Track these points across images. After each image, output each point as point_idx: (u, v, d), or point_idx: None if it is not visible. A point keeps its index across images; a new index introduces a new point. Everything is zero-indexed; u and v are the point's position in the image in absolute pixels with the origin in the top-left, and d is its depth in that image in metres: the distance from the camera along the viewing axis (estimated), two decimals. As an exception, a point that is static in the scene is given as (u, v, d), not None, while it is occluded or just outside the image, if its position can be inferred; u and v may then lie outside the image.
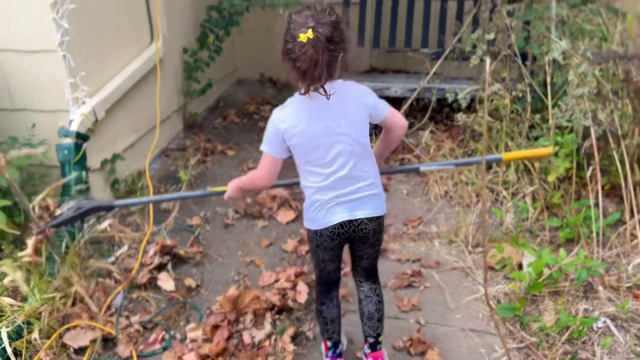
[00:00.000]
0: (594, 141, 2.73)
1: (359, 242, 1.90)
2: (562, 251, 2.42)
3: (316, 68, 1.61)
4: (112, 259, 2.66)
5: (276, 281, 2.53)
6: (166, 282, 2.56)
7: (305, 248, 2.78)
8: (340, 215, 1.80)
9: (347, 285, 2.52)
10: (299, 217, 3.06)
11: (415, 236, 2.87)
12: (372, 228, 1.84)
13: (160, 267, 2.66)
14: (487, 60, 2.12)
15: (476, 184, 3.23)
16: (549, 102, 3.22)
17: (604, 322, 2.27)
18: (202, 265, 2.72)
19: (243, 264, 2.73)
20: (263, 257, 2.76)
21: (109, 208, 2.34)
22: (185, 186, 3.29)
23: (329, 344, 2.05)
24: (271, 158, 1.83)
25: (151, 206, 2.95)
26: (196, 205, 3.21)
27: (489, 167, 3.37)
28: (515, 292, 2.40)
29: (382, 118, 1.83)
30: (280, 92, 5.04)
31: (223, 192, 2.05)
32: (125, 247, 2.73)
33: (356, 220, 1.80)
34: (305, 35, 1.58)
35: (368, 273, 2.01)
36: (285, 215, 3.06)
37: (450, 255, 2.71)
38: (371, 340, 1.99)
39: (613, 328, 2.24)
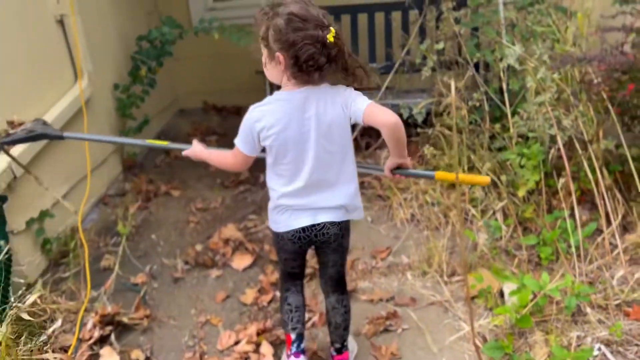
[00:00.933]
0: (562, 149, 2.57)
1: (322, 247, 1.88)
2: (544, 275, 2.23)
3: (338, 65, 1.63)
4: (45, 337, 2.30)
5: (237, 343, 2.24)
6: (110, 358, 2.23)
7: (266, 298, 2.49)
8: (302, 220, 1.77)
9: (317, 337, 2.26)
10: (256, 261, 2.78)
11: (385, 270, 2.63)
12: (333, 232, 1.81)
13: (103, 340, 2.32)
14: (452, 84, 1.91)
15: (442, 204, 3.03)
16: (508, 110, 3.07)
17: (599, 349, 2.08)
18: (151, 332, 2.40)
19: (197, 324, 2.42)
20: (220, 314, 2.46)
21: (58, 137, 2.37)
22: (125, 240, 2.95)
23: (292, 336, 1.99)
24: (244, 155, 1.77)
25: (87, 269, 2.60)
26: (140, 259, 2.88)
27: (452, 185, 3.19)
28: (502, 326, 2.18)
29: (360, 119, 1.66)
30: (226, 119, 4.76)
31: (161, 146, 2.21)
32: (59, 322, 2.38)
33: (318, 224, 1.78)
34: (331, 35, 1.56)
35: (335, 283, 1.98)
36: (241, 261, 2.77)
37: (425, 289, 2.48)
38: (337, 345, 2.03)
39: (609, 355, 2.05)
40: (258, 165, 3.88)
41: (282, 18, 1.57)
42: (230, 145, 1.83)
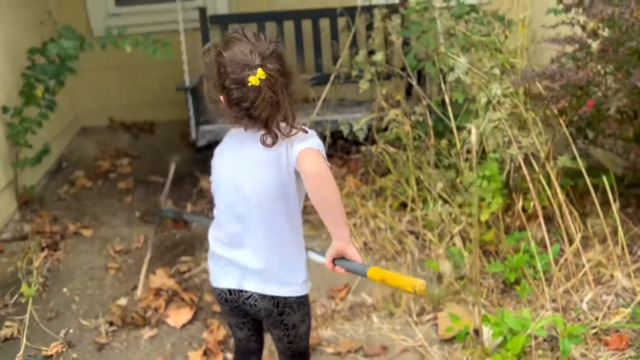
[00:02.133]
0: (525, 169, 2.44)
1: (260, 318, 1.61)
2: (525, 312, 2.07)
3: (279, 111, 1.38)
4: None
5: None
6: None
7: (216, 362, 2.13)
8: (229, 280, 1.54)
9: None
10: (197, 315, 2.39)
11: (347, 313, 2.35)
12: (264, 307, 1.53)
13: None
14: (474, 130, 1.68)
15: (395, 229, 2.81)
16: (453, 125, 2.91)
17: (589, 388, 1.95)
18: (74, 421, 1.95)
19: (134, 404, 2.00)
20: (161, 388, 2.06)
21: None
22: (32, 304, 2.43)
23: None
24: None
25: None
26: (50, 323, 2.38)
27: (404, 205, 2.99)
28: (489, 375, 1.99)
29: (295, 166, 1.41)
30: (138, 138, 4.26)
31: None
32: None
33: (246, 291, 1.53)
34: (257, 77, 1.34)
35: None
36: (178, 316, 2.36)
37: (395, 333, 2.24)
38: None
39: (600, 394, 1.93)
40: (183, 194, 3.48)
41: (215, 62, 1.41)
42: (146, 171, 1.53)
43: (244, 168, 1.45)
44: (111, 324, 2.36)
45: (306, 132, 1.43)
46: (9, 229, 3.05)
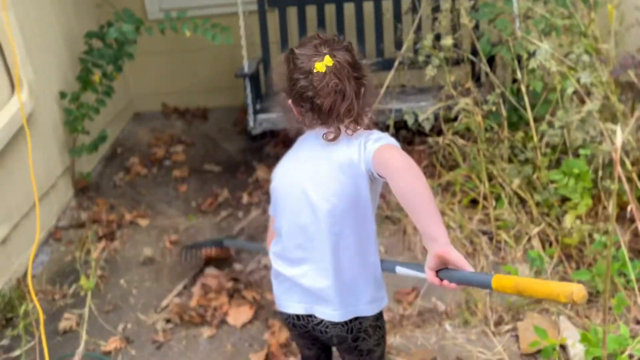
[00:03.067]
0: (620, 169, 2.20)
1: (332, 344, 1.50)
2: (623, 329, 1.86)
3: (344, 100, 1.30)
4: None
5: None
6: None
7: (279, 367, 2.01)
8: (295, 305, 1.43)
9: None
10: (257, 314, 2.28)
11: (417, 319, 2.19)
12: (336, 334, 1.41)
13: None
14: (618, 131, 1.47)
15: (465, 229, 2.62)
16: (530, 116, 2.69)
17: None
18: None
19: (195, 409, 1.91)
20: (222, 392, 1.97)
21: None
22: (91, 298, 2.37)
23: None
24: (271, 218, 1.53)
25: (46, 348, 2.01)
26: (108, 317, 2.32)
27: (473, 201, 2.79)
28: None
29: (371, 167, 1.27)
30: (192, 124, 4.17)
31: None
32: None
33: (316, 317, 1.41)
34: (323, 64, 1.29)
35: None
36: (238, 315, 2.26)
37: (471, 344, 2.06)
38: None
39: None
40: (238, 184, 3.36)
41: (285, 60, 1.36)
42: (200, 159, 1.40)
43: (315, 172, 1.34)
44: (168, 321, 2.27)
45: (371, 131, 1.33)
46: (66, 217, 3.02)
